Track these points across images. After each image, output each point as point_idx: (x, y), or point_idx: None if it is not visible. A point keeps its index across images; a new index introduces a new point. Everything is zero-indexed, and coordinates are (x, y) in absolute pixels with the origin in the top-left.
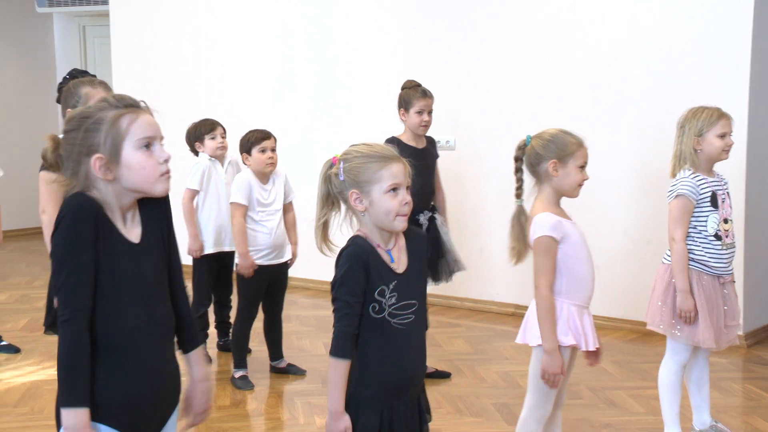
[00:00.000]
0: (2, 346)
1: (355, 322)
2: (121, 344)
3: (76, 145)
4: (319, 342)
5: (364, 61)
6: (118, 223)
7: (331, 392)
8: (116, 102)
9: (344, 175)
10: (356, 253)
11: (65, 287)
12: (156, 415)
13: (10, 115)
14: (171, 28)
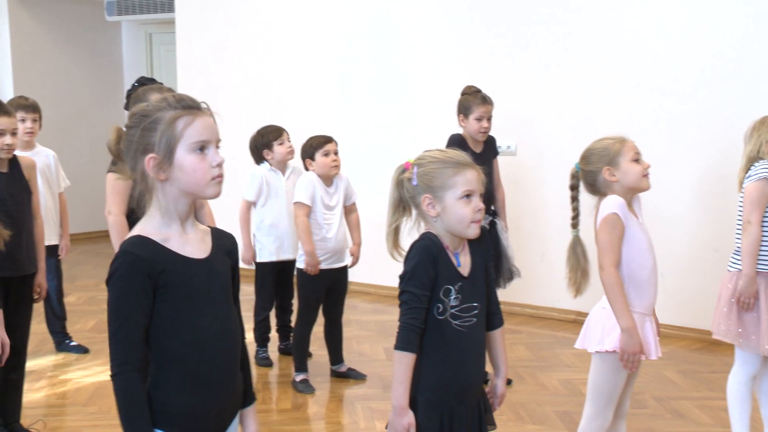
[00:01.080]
0: (72, 346)
1: (422, 315)
2: (190, 355)
3: (134, 142)
4: (379, 347)
5: (426, 66)
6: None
7: (395, 387)
8: (175, 102)
9: (417, 179)
10: (427, 247)
11: (114, 340)
12: (218, 424)
13: (79, 120)
14: (235, 35)
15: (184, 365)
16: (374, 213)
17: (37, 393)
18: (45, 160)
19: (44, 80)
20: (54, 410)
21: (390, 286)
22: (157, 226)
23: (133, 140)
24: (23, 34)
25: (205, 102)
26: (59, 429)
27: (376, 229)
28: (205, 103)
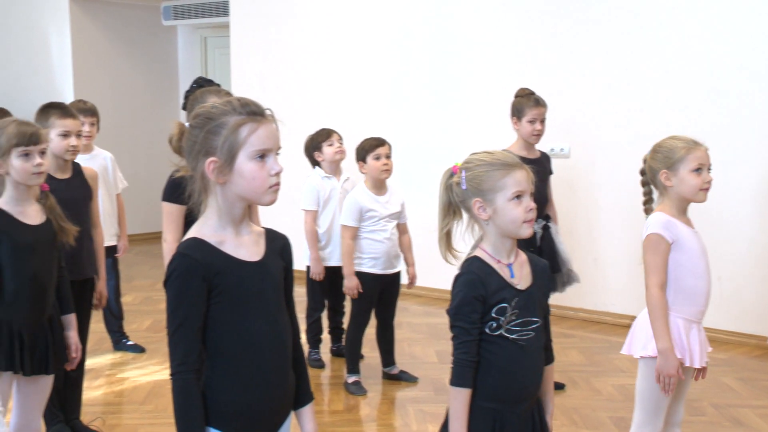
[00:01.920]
0: (128, 345)
1: (474, 349)
2: (244, 356)
3: (196, 143)
4: (430, 349)
5: (481, 68)
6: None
7: (452, 422)
8: (240, 108)
9: (467, 183)
10: (470, 281)
11: (172, 341)
12: (271, 423)
13: (135, 123)
14: (289, 39)
15: (237, 366)
16: (426, 216)
17: (95, 391)
18: (102, 162)
19: (103, 84)
20: (112, 408)
21: (441, 288)
22: (213, 229)
23: (195, 141)
24: (83, 38)
25: (270, 108)
26: (117, 426)
27: (428, 233)
28: (269, 110)
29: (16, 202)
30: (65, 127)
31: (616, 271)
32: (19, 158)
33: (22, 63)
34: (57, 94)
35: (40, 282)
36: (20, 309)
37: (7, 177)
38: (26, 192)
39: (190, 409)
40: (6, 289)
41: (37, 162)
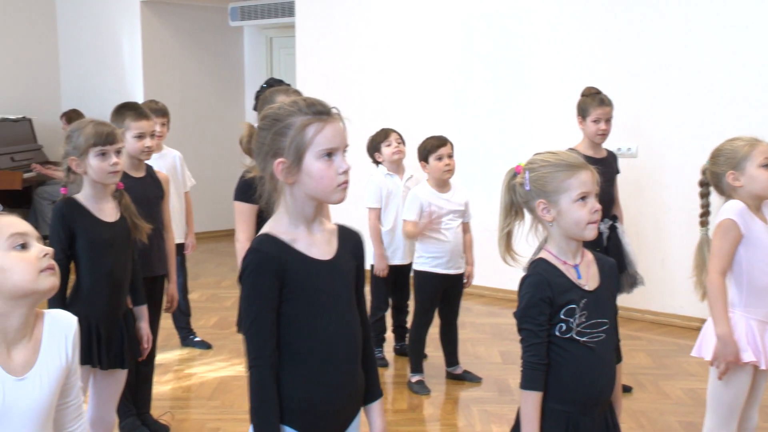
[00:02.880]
0: (196, 341)
1: (543, 351)
2: (313, 354)
3: (264, 144)
4: (494, 350)
5: (546, 68)
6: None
7: (524, 426)
8: (306, 108)
9: (530, 185)
10: (537, 283)
11: (248, 334)
12: (339, 422)
13: (202, 122)
14: (354, 39)
15: (306, 363)
16: (488, 216)
17: (164, 386)
18: (171, 161)
19: (171, 84)
20: (180, 403)
21: (504, 288)
22: (286, 226)
23: (264, 142)
24: (153, 40)
25: (336, 107)
26: (185, 421)
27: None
28: (335, 108)
29: (93, 199)
30: (140, 129)
31: (684, 273)
32: (96, 158)
33: (94, 64)
34: (127, 95)
35: (115, 278)
36: (97, 304)
37: (85, 176)
38: (103, 190)
39: (265, 402)
40: (83, 284)
41: (114, 161)
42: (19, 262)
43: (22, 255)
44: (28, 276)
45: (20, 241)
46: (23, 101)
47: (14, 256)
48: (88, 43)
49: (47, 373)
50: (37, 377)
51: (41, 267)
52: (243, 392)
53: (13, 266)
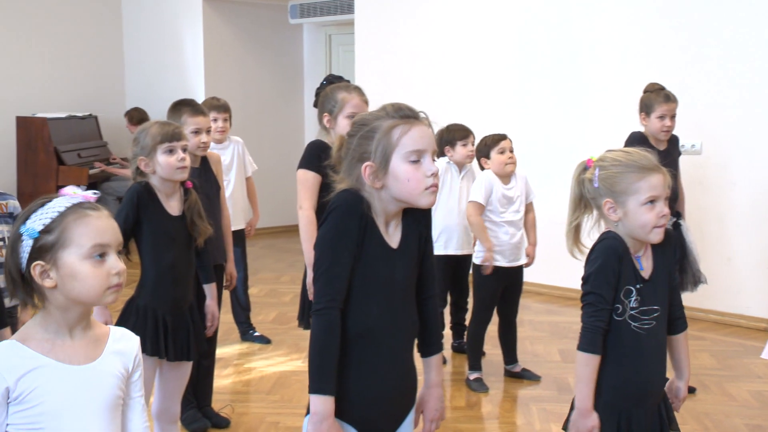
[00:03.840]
0: (255, 336)
1: (607, 317)
2: (364, 343)
3: (351, 149)
4: (553, 348)
5: (606, 63)
6: (381, 227)
7: (580, 388)
8: (393, 112)
9: (599, 182)
10: (611, 246)
11: (324, 277)
12: (391, 414)
13: (263, 119)
14: (413, 36)
15: (359, 354)
16: (549, 212)
17: (224, 379)
18: (235, 148)
19: (232, 81)
20: (240, 396)
21: (563, 286)
22: None
23: (351, 147)
24: (215, 38)
25: (424, 111)
26: (245, 415)
27: (550, 229)
28: (423, 113)
29: (162, 196)
30: (197, 125)
31: (751, 273)
32: (164, 154)
33: (157, 63)
34: (189, 92)
35: (178, 271)
36: (162, 296)
37: (153, 176)
38: (171, 187)
39: (330, 345)
40: (148, 276)
41: (181, 157)
42: (91, 275)
43: (96, 268)
44: (94, 291)
45: (100, 251)
46: (89, 99)
47: (89, 266)
48: (151, 42)
49: (109, 371)
50: (99, 371)
51: (109, 284)
52: (302, 387)
53: (85, 278)
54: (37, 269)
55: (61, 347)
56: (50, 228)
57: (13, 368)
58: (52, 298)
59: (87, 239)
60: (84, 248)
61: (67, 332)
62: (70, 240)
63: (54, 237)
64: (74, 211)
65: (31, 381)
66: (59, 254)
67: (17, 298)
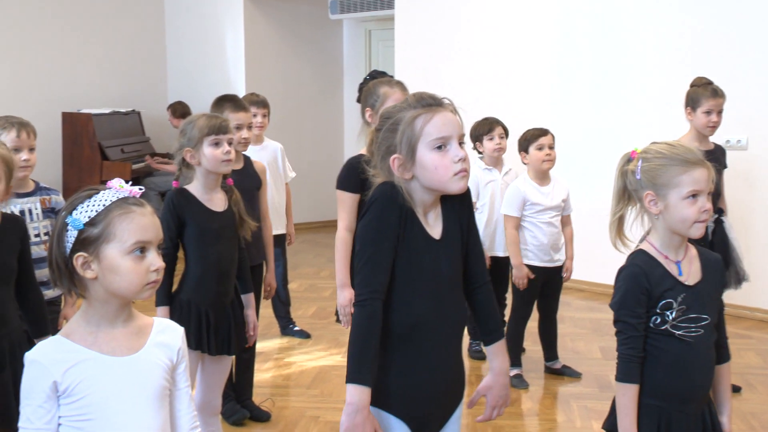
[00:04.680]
0: (295, 331)
1: (640, 344)
2: (410, 335)
3: (379, 143)
4: (594, 345)
5: (648, 57)
6: (421, 219)
7: (621, 419)
8: (415, 102)
9: (641, 174)
10: (634, 274)
11: (365, 269)
12: (439, 408)
13: (302, 114)
14: (453, 31)
15: (406, 348)
16: (589, 207)
17: (265, 373)
18: (272, 153)
19: (273, 77)
20: (280, 390)
21: (604, 283)
22: None
23: (379, 141)
24: (255, 34)
25: (448, 98)
26: (285, 409)
27: (590, 224)
28: (447, 99)
29: (204, 190)
30: (238, 120)
31: None
32: (210, 147)
33: (199, 59)
34: (230, 87)
35: (223, 266)
36: (205, 292)
37: (198, 168)
38: (214, 180)
39: (370, 336)
40: (192, 272)
41: (226, 149)
42: (130, 271)
43: (135, 264)
44: (133, 287)
45: (141, 246)
46: (133, 95)
47: (129, 261)
48: (193, 39)
49: (154, 362)
50: (143, 361)
51: (148, 281)
52: (342, 381)
53: (125, 273)
54: (80, 260)
55: (104, 339)
56: (95, 221)
57: (58, 362)
58: (92, 289)
59: (129, 235)
60: (126, 244)
61: (109, 324)
62: (113, 235)
63: (98, 230)
64: (119, 207)
65: (76, 374)
66: (102, 248)
67: (61, 287)
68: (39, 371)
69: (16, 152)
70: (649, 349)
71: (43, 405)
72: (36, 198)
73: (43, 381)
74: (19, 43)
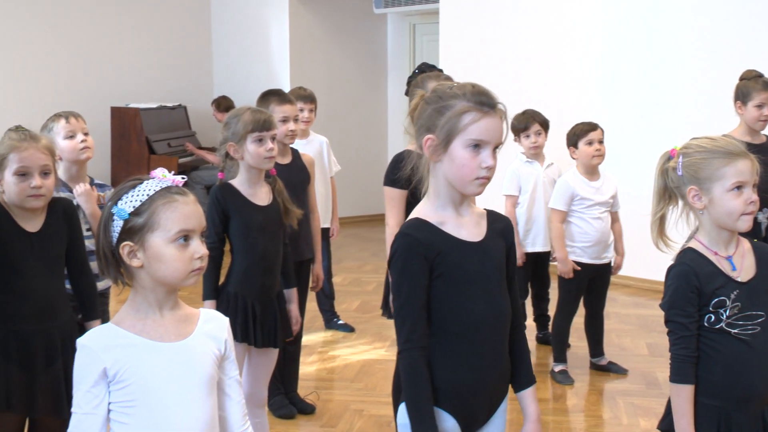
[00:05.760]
0: (339, 324)
1: (693, 344)
2: (464, 336)
3: (422, 117)
4: (641, 342)
5: (694, 50)
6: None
7: (677, 420)
8: (472, 95)
9: (683, 170)
10: (684, 273)
11: (399, 317)
12: (487, 403)
13: (346, 109)
14: (498, 26)
15: (457, 344)
16: (635, 204)
17: (309, 367)
18: (318, 147)
19: (317, 71)
20: (324, 383)
21: (651, 279)
22: (434, 208)
23: (423, 114)
24: (300, 28)
25: (503, 104)
26: (330, 402)
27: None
28: (502, 105)
29: (247, 184)
30: (284, 113)
31: None
32: (254, 143)
33: (242, 53)
34: (275, 82)
35: (268, 260)
36: (251, 285)
37: (241, 162)
38: (257, 175)
39: (418, 386)
40: (238, 265)
41: (270, 147)
42: (175, 259)
43: (180, 252)
44: (177, 274)
45: (185, 234)
46: (179, 90)
47: (174, 249)
48: (239, 34)
49: (201, 348)
50: (191, 347)
51: (192, 268)
52: (386, 375)
53: (169, 261)
54: (126, 249)
55: (152, 326)
56: (140, 211)
57: (107, 348)
58: (139, 278)
59: (173, 224)
60: (170, 233)
61: (157, 310)
62: (157, 224)
63: (143, 220)
64: (163, 196)
65: (125, 360)
66: (147, 236)
67: (109, 276)
68: (89, 356)
69: (70, 138)
70: (704, 348)
71: (92, 390)
72: None
73: (93, 366)
74: (70, 41)
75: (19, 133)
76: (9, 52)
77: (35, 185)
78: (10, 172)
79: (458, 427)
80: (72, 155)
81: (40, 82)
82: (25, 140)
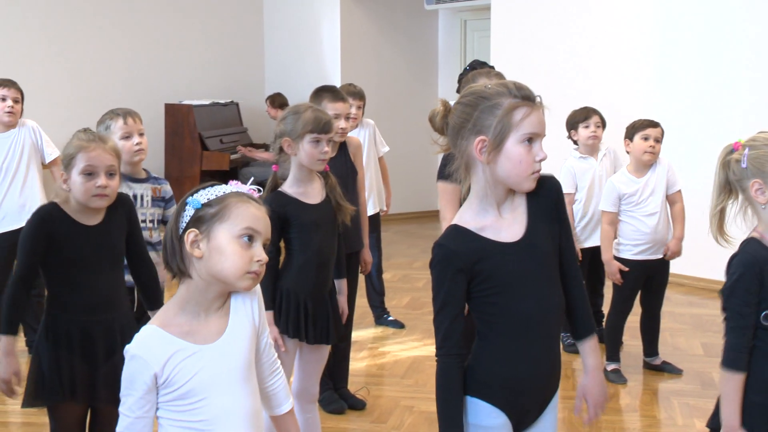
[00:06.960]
0: (389, 320)
1: (749, 333)
2: (514, 333)
3: (466, 120)
4: (696, 341)
5: (752, 44)
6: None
7: (724, 406)
8: (515, 91)
9: (748, 162)
10: (748, 261)
11: (435, 324)
12: (539, 399)
13: (397, 106)
14: (550, 22)
15: (506, 342)
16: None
17: (359, 362)
18: (366, 130)
19: (368, 68)
20: (374, 379)
21: (706, 278)
22: (474, 213)
23: (465, 118)
24: (351, 25)
25: (540, 96)
26: (380, 398)
27: (692, 218)
28: (539, 97)
29: (299, 183)
30: (336, 110)
31: None
32: (310, 143)
33: (294, 50)
34: (325, 79)
35: (323, 256)
36: (305, 281)
37: (293, 158)
38: (309, 174)
39: (447, 391)
40: (293, 262)
41: (324, 150)
42: (237, 254)
43: (243, 249)
44: (236, 271)
45: (250, 233)
46: (231, 87)
47: (237, 245)
48: (290, 31)
49: (239, 337)
50: (230, 341)
51: (251, 269)
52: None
53: (231, 255)
54: (191, 236)
55: (197, 330)
56: (212, 203)
57: (158, 356)
58: (197, 270)
59: (241, 220)
60: (237, 228)
61: (203, 313)
62: (227, 217)
63: (214, 210)
64: (237, 195)
65: (173, 365)
66: (214, 226)
67: (172, 266)
68: (140, 366)
69: (126, 139)
70: (758, 344)
71: (144, 396)
72: (148, 186)
73: (144, 374)
74: (127, 40)
75: (87, 134)
76: (68, 51)
77: (101, 185)
78: (77, 171)
79: (509, 424)
80: (126, 157)
81: (97, 80)
82: (93, 141)
